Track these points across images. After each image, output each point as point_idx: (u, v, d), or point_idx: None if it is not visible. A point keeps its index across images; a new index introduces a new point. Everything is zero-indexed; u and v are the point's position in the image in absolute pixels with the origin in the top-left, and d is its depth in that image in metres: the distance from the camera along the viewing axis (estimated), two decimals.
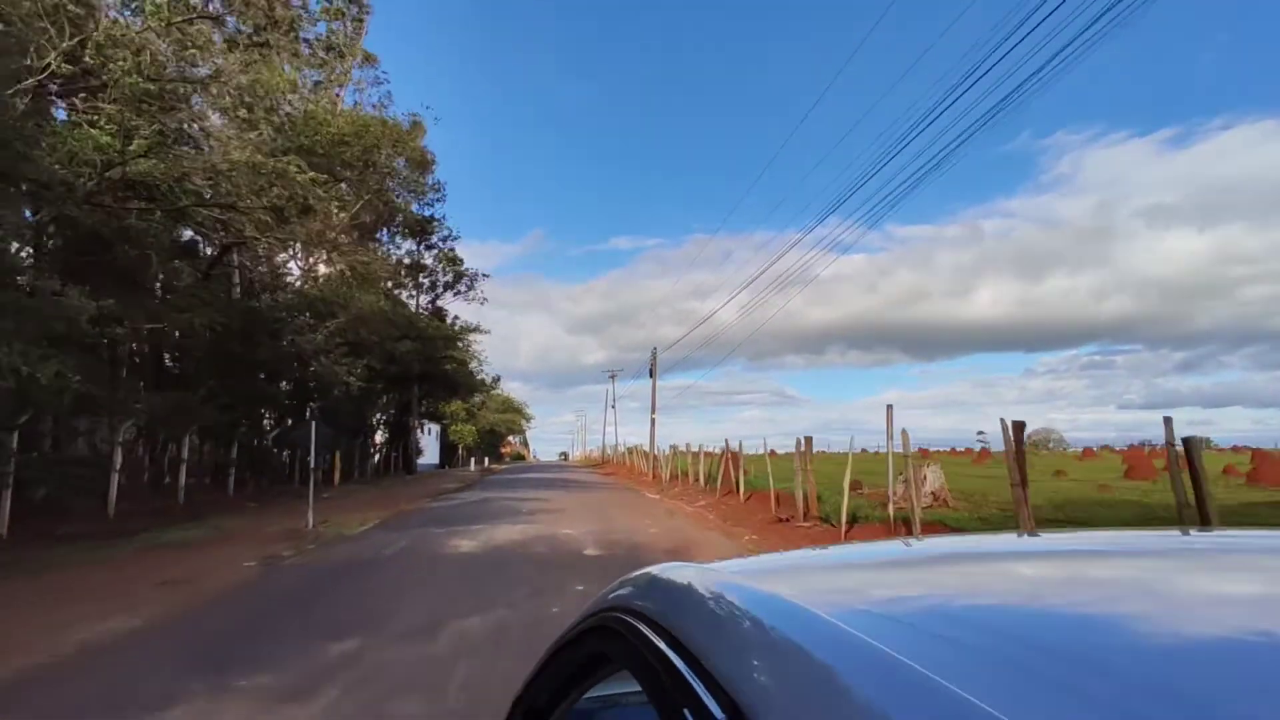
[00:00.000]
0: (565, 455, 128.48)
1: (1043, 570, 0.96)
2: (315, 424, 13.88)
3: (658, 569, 0.96)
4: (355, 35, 26.22)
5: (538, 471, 45.38)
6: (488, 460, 61.32)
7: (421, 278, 39.39)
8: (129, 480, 17.34)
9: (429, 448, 51.11)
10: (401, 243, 37.31)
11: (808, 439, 14.09)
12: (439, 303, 39.04)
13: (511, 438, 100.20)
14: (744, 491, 18.29)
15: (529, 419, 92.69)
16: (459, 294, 40.00)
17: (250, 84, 12.45)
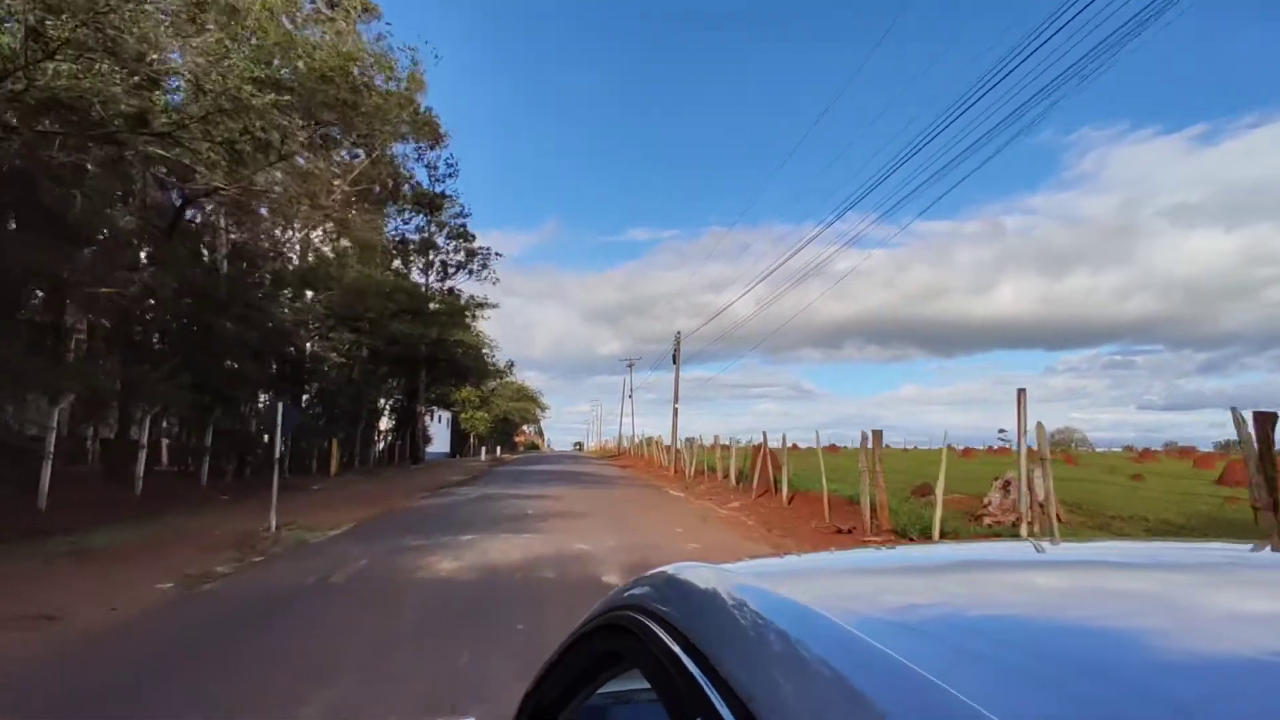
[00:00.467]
0: (580, 445, 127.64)
1: (1067, 581, 0.91)
2: (282, 406, 11.57)
3: (673, 568, 0.94)
4: None
5: (551, 463, 43.04)
6: (500, 449, 59.18)
7: (432, 256, 37.13)
8: (79, 467, 15.18)
9: (439, 436, 49.02)
10: (411, 218, 35.06)
11: (876, 433, 11.51)
12: (450, 283, 36.70)
13: (526, 427, 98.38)
14: (786, 492, 15.75)
15: (544, 408, 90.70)
16: (471, 274, 37.67)
17: None
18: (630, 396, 64.42)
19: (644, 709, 1.22)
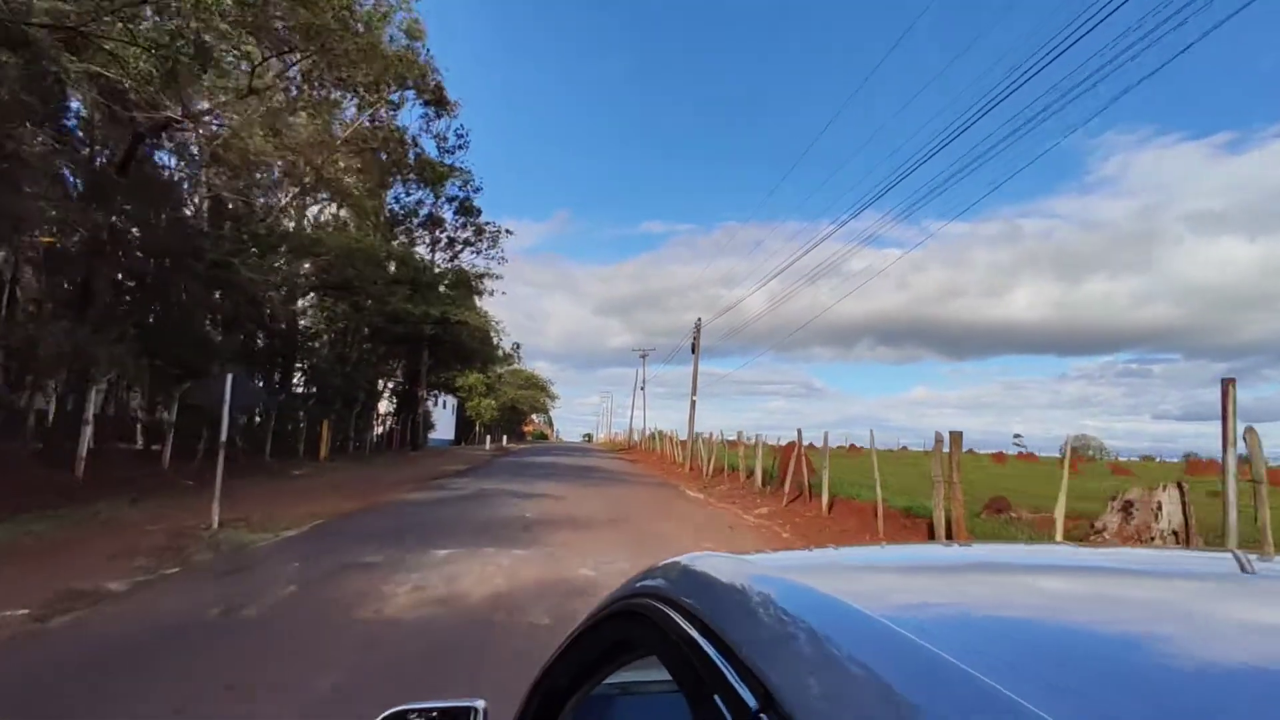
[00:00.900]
0: (589, 437, 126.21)
1: (1098, 587, 0.87)
2: (232, 378, 9.61)
3: (687, 558, 0.93)
4: None
5: (558, 454, 41.11)
6: (505, 438, 57.32)
7: (439, 233, 35.14)
8: (13, 445, 13.32)
9: (443, 422, 47.25)
10: (414, 190, 33.06)
11: (954, 434, 9.37)
12: (457, 262, 34.70)
13: (535, 416, 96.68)
14: (826, 499, 13.65)
15: (553, 398, 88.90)
16: (479, 252, 35.61)
17: None
18: (642, 388, 62.36)
19: (650, 700, 1.26)
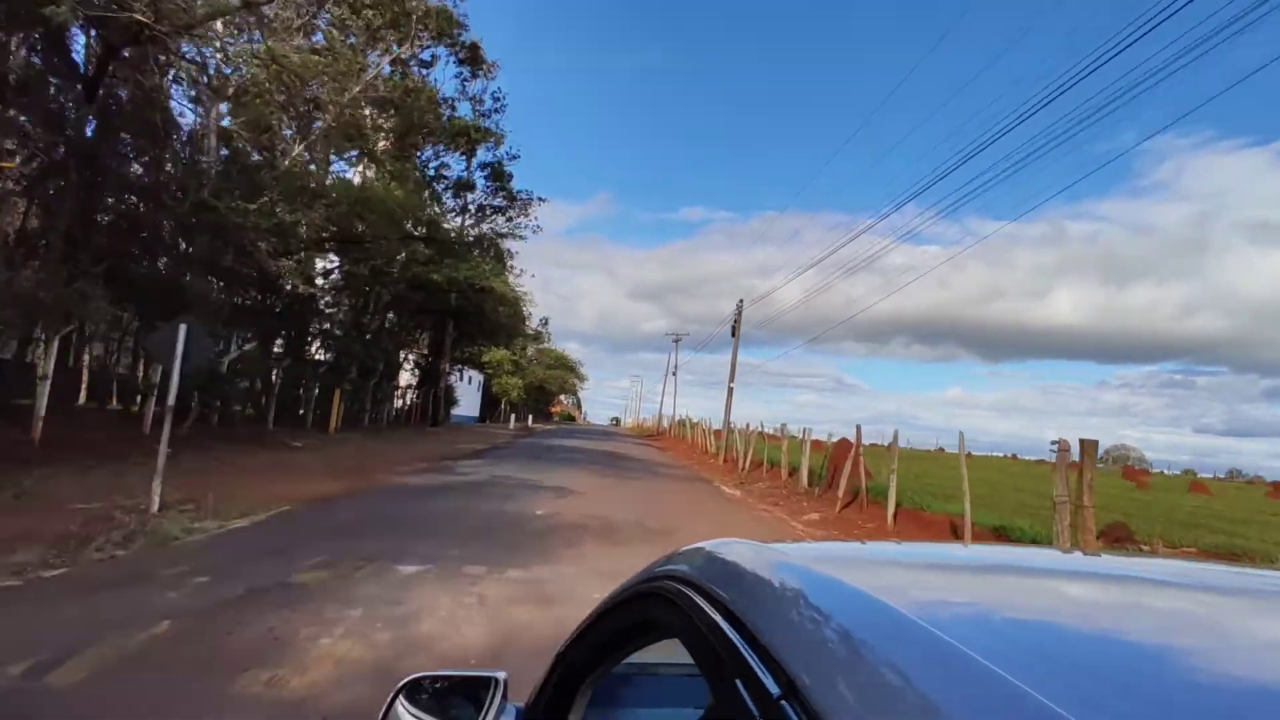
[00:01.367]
0: (617, 421, 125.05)
1: (1134, 596, 0.84)
2: (187, 329, 7.90)
3: (712, 544, 0.92)
4: None
5: (583, 437, 39.40)
6: (531, 418, 55.92)
7: (469, 199, 33.40)
8: None
9: (468, 398, 45.89)
10: (444, 154, 31.32)
11: (1087, 443, 7.18)
12: (485, 225, 32.93)
13: (562, 397, 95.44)
14: (892, 509, 11.57)
15: (582, 379, 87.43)
16: (510, 219, 33.74)
17: None
18: (674, 374, 60.30)
19: (668, 681, 1.28)
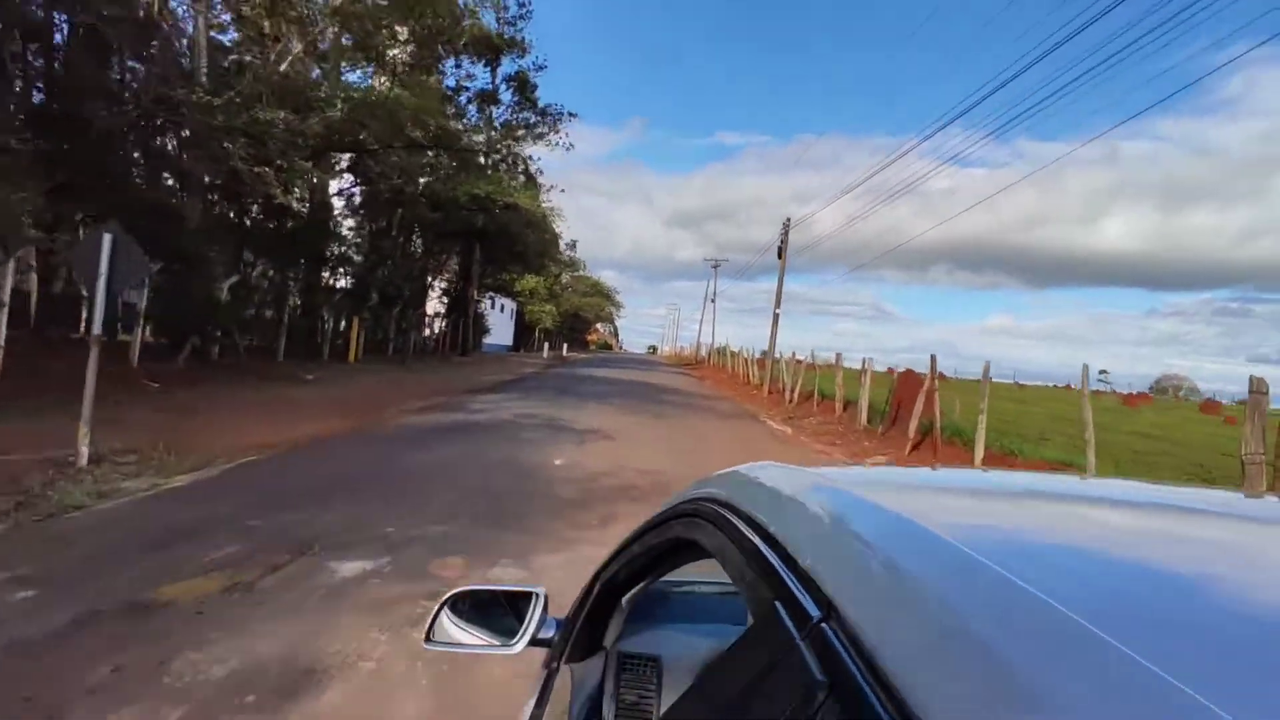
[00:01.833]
0: (654, 349, 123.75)
1: (1201, 530, 0.75)
2: (112, 238, 6.30)
3: (749, 467, 0.93)
4: None
5: (619, 366, 37.92)
6: (566, 347, 54.68)
7: (494, 113, 30.95)
8: None
9: (500, 326, 44.67)
10: (466, 65, 28.79)
11: (1258, 382, 5.21)
12: (510, 143, 30.54)
13: (599, 325, 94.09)
14: (980, 453, 9.72)
15: (618, 307, 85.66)
16: (539, 136, 31.13)
17: None
18: (713, 300, 58.06)
19: (702, 599, 1.33)
